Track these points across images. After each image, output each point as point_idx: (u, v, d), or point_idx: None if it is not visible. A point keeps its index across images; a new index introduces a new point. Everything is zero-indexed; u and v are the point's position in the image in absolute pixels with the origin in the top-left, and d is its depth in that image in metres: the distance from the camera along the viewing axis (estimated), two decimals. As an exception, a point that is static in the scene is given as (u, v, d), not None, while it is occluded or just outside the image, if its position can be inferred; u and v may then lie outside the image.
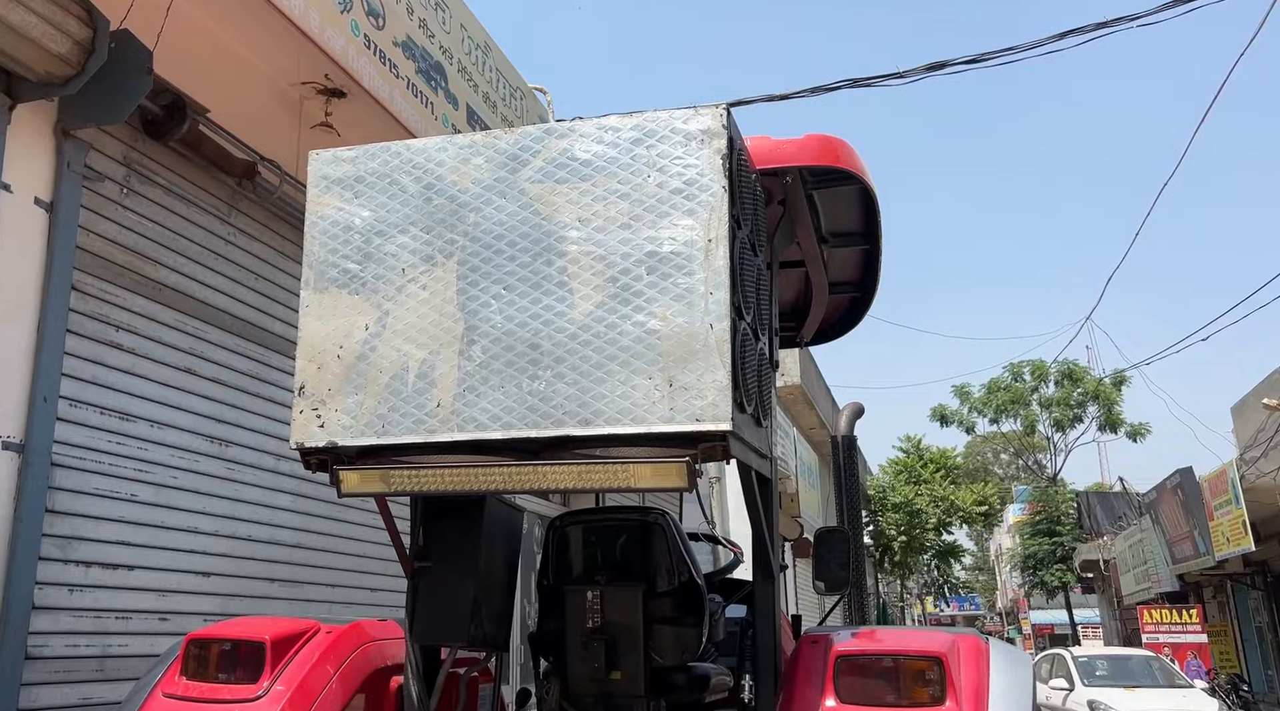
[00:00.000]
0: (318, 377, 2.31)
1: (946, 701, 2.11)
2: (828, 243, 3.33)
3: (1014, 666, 2.32)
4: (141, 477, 3.99)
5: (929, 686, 2.13)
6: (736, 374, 2.13)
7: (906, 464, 31.07)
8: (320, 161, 2.44)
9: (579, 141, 2.30)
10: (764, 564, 2.59)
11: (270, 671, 2.40)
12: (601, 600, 2.81)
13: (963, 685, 2.15)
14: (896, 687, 2.16)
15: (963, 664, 2.21)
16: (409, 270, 2.32)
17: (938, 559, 32.91)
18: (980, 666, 2.23)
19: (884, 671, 2.19)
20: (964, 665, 2.21)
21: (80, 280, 3.78)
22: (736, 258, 2.20)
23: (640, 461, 2.14)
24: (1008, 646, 2.50)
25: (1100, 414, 35.02)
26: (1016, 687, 2.23)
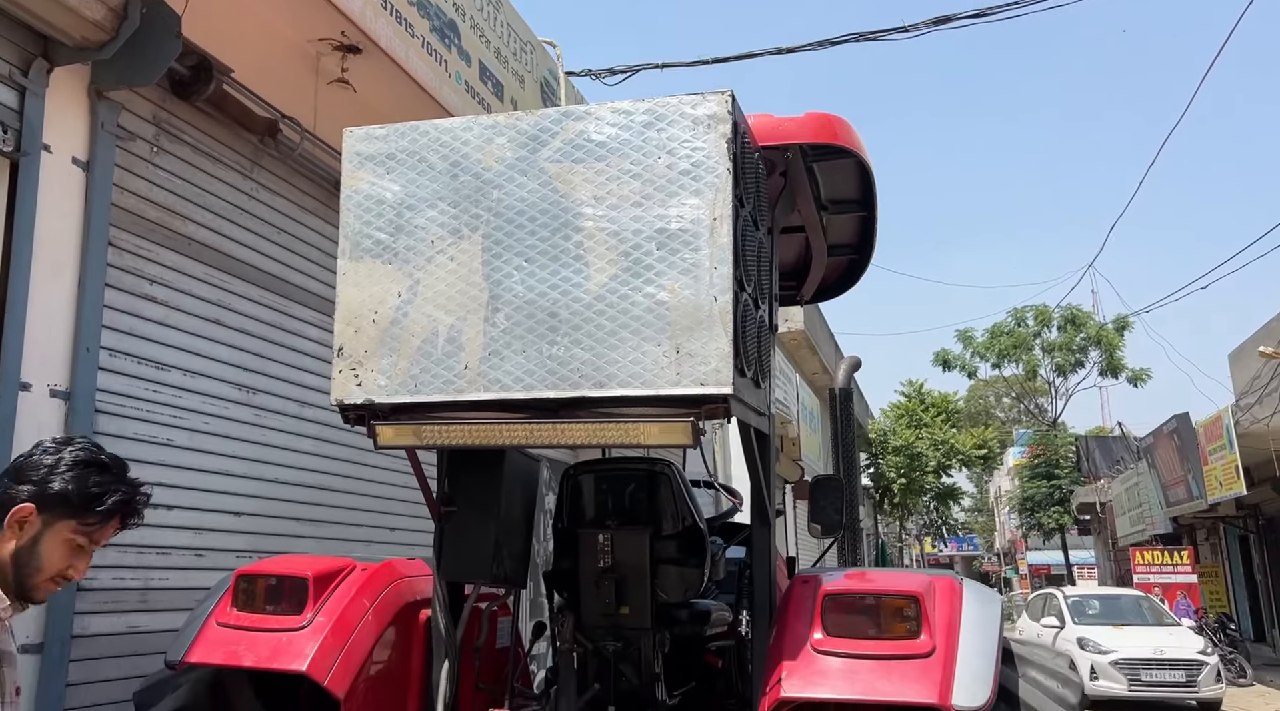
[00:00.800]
0: (355, 340, 2.53)
1: (922, 634, 2.36)
2: (827, 210, 3.51)
3: (984, 603, 2.56)
4: (176, 423, 4.24)
5: (907, 622, 2.38)
6: (738, 341, 2.34)
7: (908, 408, 31.40)
8: (354, 139, 2.62)
9: (594, 124, 2.48)
10: (761, 510, 2.82)
11: (313, 603, 2.66)
12: (612, 542, 3.06)
13: (937, 620, 2.39)
14: (878, 622, 2.41)
15: (938, 601, 2.45)
16: (437, 242, 2.52)
17: (937, 501, 33.42)
18: (954, 603, 2.47)
19: (867, 608, 2.43)
20: (939, 602, 2.45)
21: (116, 236, 3.98)
22: (739, 234, 2.39)
23: (649, 420, 2.37)
24: (980, 586, 2.74)
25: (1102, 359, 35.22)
26: (985, 621, 2.47)
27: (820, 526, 4.16)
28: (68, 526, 1.65)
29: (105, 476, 1.69)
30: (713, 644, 3.21)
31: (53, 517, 1.64)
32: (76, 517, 1.65)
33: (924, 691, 2.25)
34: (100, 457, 1.72)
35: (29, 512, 1.62)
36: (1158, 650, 13.23)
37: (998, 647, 2.45)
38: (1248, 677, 15.78)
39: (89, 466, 1.68)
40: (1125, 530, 26.16)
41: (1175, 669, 13.09)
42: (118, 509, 1.69)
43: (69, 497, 1.64)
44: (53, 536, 1.64)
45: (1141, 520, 24.06)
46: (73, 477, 1.66)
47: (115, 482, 1.70)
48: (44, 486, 1.64)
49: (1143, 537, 23.35)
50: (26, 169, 3.58)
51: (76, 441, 1.73)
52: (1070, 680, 2.72)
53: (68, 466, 1.66)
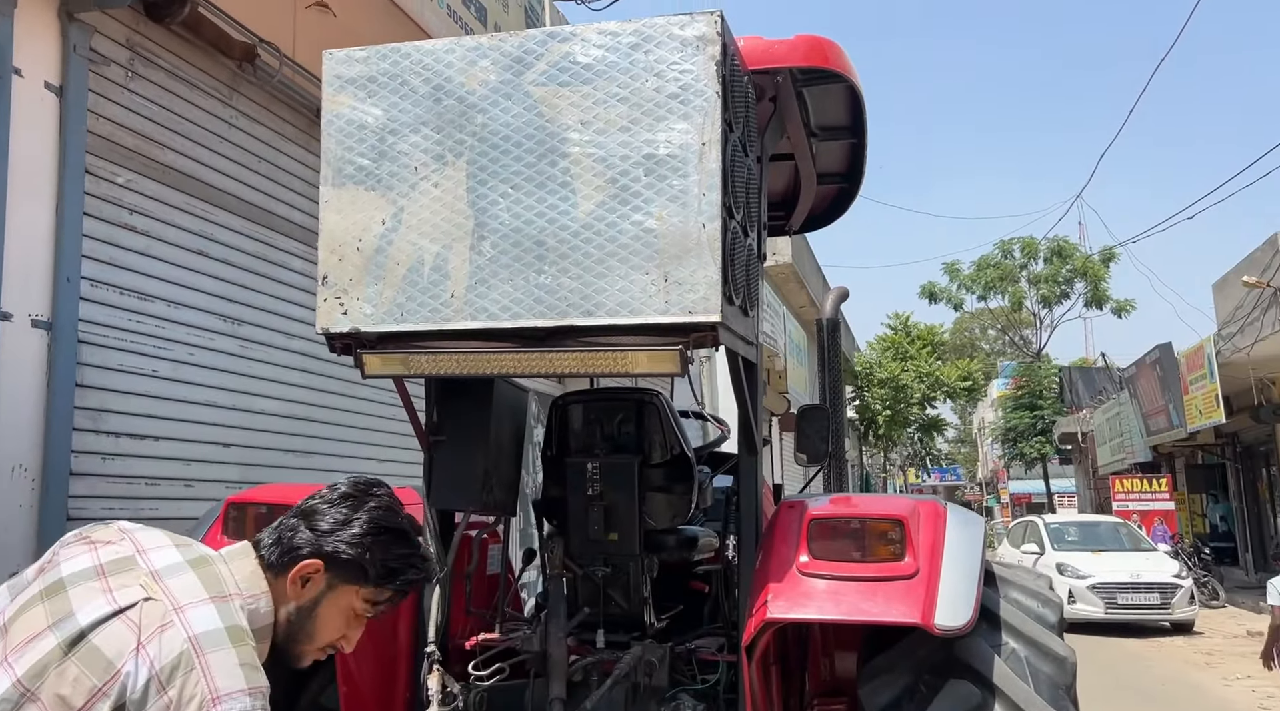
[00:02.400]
0: (339, 268, 2.49)
1: (906, 557, 2.40)
2: (816, 137, 3.46)
3: (966, 527, 2.60)
4: (161, 354, 4.21)
5: (891, 545, 2.41)
6: (726, 269, 2.32)
7: (894, 341, 31.57)
8: (334, 61, 2.55)
9: (580, 45, 2.41)
10: (748, 439, 2.84)
11: None
12: (600, 470, 3.08)
13: (921, 543, 2.43)
14: (862, 546, 2.44)
15: (922, 525, 2.48)
16: (421, 168, 2.47)
17: (921, 432, 33.82)
18: (937, 527, 2.50)
19: (852, 532, 2.46)
20: (923, 526, 2.48)
21: (92, 163, 3.90)
22: (728, 160, 2.36)
23: (637, 349, 2.36)
24: (963, 510, 2.78)
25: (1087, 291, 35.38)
26: (968, 544, 2.51)
27: (806, 455, 4.21)
28: (354, 593, 1.51)
29: (406, 549, 1.55)
30: (700, 568, 3.25)
31: (339, 580, 1.50)
32: (367, 587, 1.51)
33: (907, 611, 2.29)
34: (401, 523, 1.57)
35: (316, 569, 1.48)
36: (1134, 574, 13.57)
37: (980, 570, 2.49)
38: (1220, 600, 16.23)
39: (390, 534, 1.54)
40: (1106, 459, 26.59)
41: (1150, 592, 13.45)
42: (412, 587, 1.57)
43: (365, 568, 1.50)
44: (334, 601, 1.51)
45: (1122, 449, 24.44)
46: (373, 545, 1.50)
47: (414, 556, 1.56)
48: (340, 547, 1.49)
49: (1123, 466, 23.74)
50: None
51: (376, 495, 1.57)
52: (1050, 599, 2.77)
53: (367, 531, 1.51)
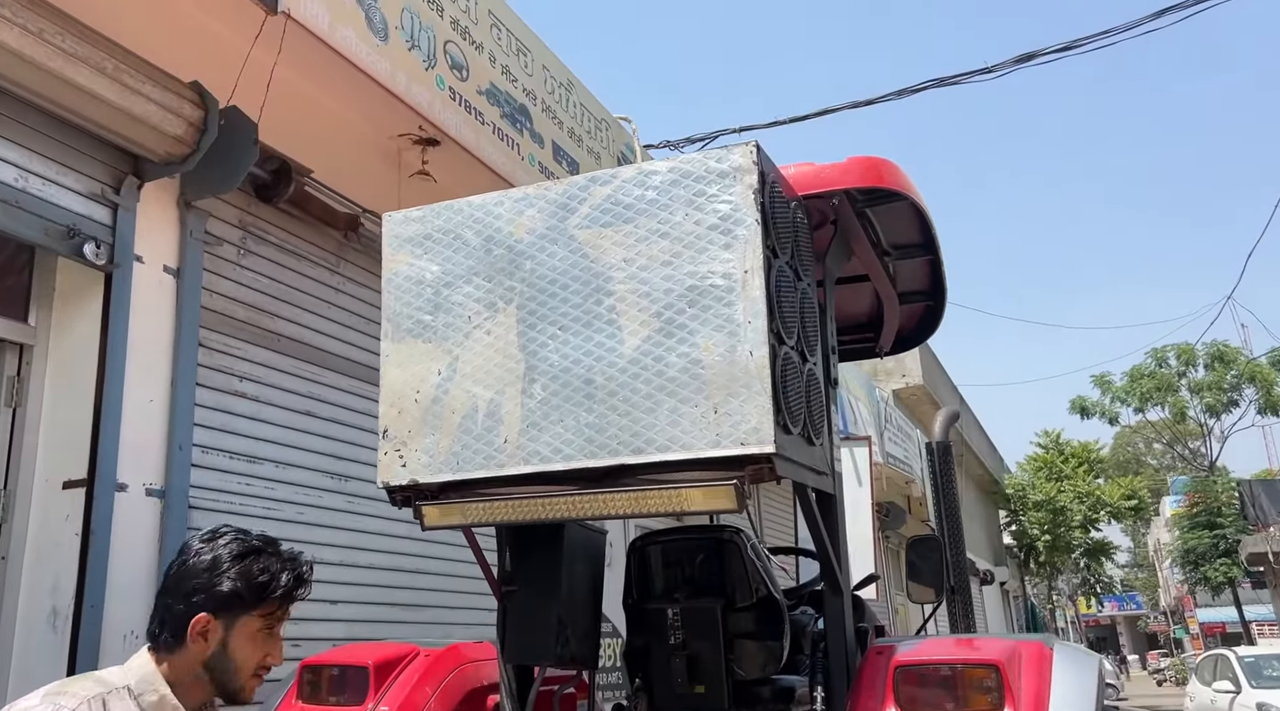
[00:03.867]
0: (398, 421, 2.53)
1: (1005, 708, 2.14)
2: (890, 255, 3.37)
3: (1078, 670, 2.32)
4: (270, 515, 4.35)
5: (988, 694, 2.16)
6: (778, 397, 2.23)
7: (1046, 460, 29.93)
8: (393, 222, 2.67)
9: (621, 187, 2.45)
10: (830, 578, 2.66)
11: (374, 693, 2.63)
12: (681, 616, 2.93)
13: (1022, 691, 2.17)
14: (955, 696, 2.20)
15: (1023, 670, 2.23)
16: (474, 317, 2.51)
17: (1087, 557, 31.45)
18: (1042, 672, 2.24)
19: (943, 680, 2.23)
20: (1024, 671, 2.22)
21: (206, 337, 4.17)
22: (774, 285, 2.30)
23: (691, 485, 2.26)
24: (1075, 651, 2.49)
25: (1259, 396, 32.88)
26: (1079, 691, 2.23)
27: (918, 590, 3.93)
28: (249, 621, 1.67)
29: (267, 560, 1.71)
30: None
31: (232, 618, 1.66)
32: (255, 610, 1.67)
33: None
34: (253, 543, 1.73)
35: (206, 622, 1.64)
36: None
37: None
38: None
39: (247, 557, 1.69)
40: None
41: (1374, 734, 11.74)
42: (291, 588, 1.72)
43: (241, 594, 1.65)
44: (238, 635, 1.67)
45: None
46: (237, 573, 1.66)
47: (277, 562, 1.72)
48: (212, 590, 1.65)
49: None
50: (120, 280, 3.80)
51: (222, 534, 1.73)
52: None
53: (228, 563, 1.67)
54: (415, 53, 4.65)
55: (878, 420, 13.09)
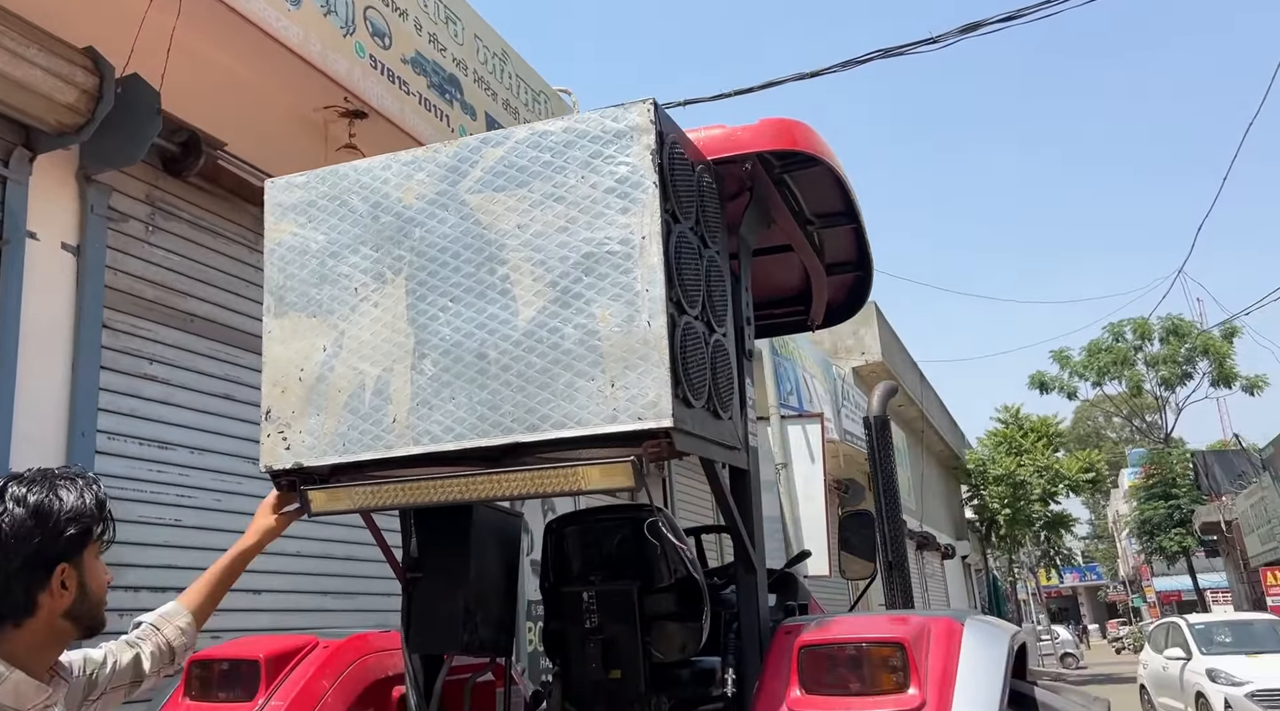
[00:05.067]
0: (282, 401, 2.38)
1: (910, 688, 2.04)
2: (814, 224, 3.25)
3: (987, 645, 2.22)
4: (185, 502, 4.17)
5: (893, 673, 2.07)
6: (678, 369, 2.11)
7: (1005, 435, 30.16)
8: (275, 189, 2.50)
9: (515, 148, 2.30)
10: (743, 555, 2.55)
11: (265, 688, 2.48)
12: (597, 599, 2.82)
13: (929, 668, 2.07)
14: (860, 675, 2.10)
15: (931, 648, 2.13)
16: (361, 289, 2.36)
17: (1047, 530, 31.84)
18: (950, 649, 2.14)
19: (849, 660, 2.12)
20: (932, 649, 2.13)
21: (111, 317, 3.96)
22: (674, 252, 2.17)
23: (587, 463, 2.14)
24: (988, 625, 2.40)
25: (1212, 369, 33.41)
26: (988, 666, 2.14)
27: (849, 568, 3.85)
28: (90, 549, 1.67)
29: (71, 485, 1.68)
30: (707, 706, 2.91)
31: (80, 555, 1.65)
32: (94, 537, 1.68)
33: None
34: (48, 480, 1.67)
35: (64, 571, 1.62)
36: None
37: (1002, 695, 2.11)
38: None
39: (59, 492, 1.65)
40: (1256, 549, 24.45)
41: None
42: (98, 519, 1.68)
43: (87, 526, 1.65)
44: (88, 569, 1.67)
45: (1272, 537, 22.46)
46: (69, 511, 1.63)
47: (78, 482, 1.69)
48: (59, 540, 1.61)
49: (1276, 556, 21.75)
50: (10, 257, 3.60)
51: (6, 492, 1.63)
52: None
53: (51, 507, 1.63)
54: (331, 18, 4.45)
55: (835, 398, 13.07)
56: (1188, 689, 13.25)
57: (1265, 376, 32.86)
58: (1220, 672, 12.68)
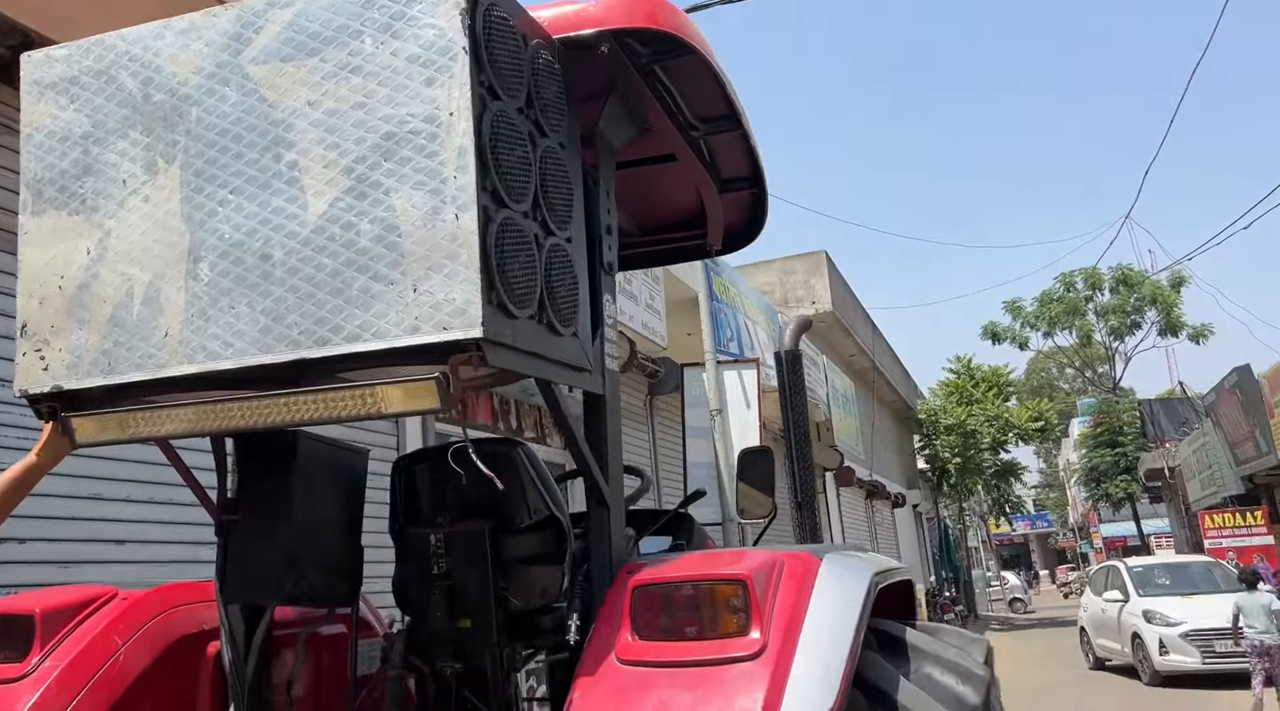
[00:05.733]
0: (40, 313, 2.02)
1: (751, 631, 1.77)
2: (699, 130, 2.92)
3: (843, 584, 1.96)
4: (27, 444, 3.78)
5: (735, 614, 1.79)
6: (492, 270, 1.79)
7: (957, 385, 30.27)
8: (33, 64, 2.12)
9: (305, 10, 1.93)
10: (594, 491, 2.25)
11: (40, 647, 2.16)
12: (445, 542, 2.52)
13: (774, 609, 1.80)
14: (698, 617, 1.83)
15: (779, 586, 1.86)
16: (130, 181, 2.00)
17: (997, 478, 32.20)
18: (803, 587, 1.87)
19: (685, 601, 1.85)
20: (781, 588, 1.86)
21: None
22: (489, 132, 1.84)
23: (387, 383, 1.82)
24: (849, 561, 2.13)
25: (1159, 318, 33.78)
26: (842, 607, 1.87)
27: (748, 509, 3.59)
28: None
29: None
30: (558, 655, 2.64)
31: None
32: None
33: (741, 707, 1.66)
34: None
35: None
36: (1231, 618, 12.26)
37: (855, 636, 1.85)
38: (1337, 642, 14.64)
39: None
40: (1197, 494, 24.89)
41: (1255, 637, 12.11)
42: None
43: None
44: None
45: (1212, 482, 22.84)
46: None
47: None
48: None
49: (1215, 500, 22.13)
50: None
51: None
52: (974, 674, 2.10)
53: None
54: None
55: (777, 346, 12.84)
56: (1125, 630, 13.41)
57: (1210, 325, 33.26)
58: (1156, 614, 12.83)
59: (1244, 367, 17.29)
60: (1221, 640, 12.16)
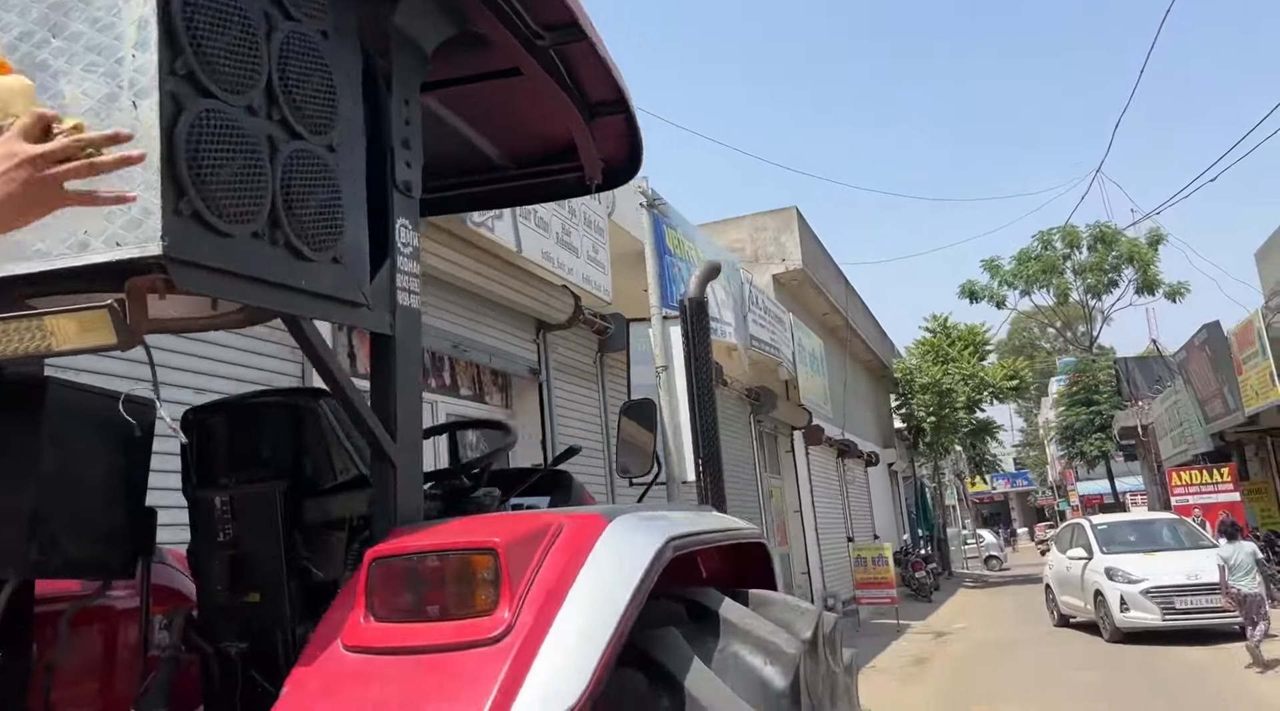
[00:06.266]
0: None
1: (500, 610, 1.47)
2: (544, 39, 2.56)
3: (622, 554, 1.64)
4: None
5: (483, 589, 1.48)
6: (180, 172, 1.45)
7: (933, 344, 30.10)
8: None
9: None
10: (375, 446, 1.92)
11: None
12: (232, 506, 2.21)
13: (534, 585, 1.49)
14: (443, 594, 1.51)
15: (547, 556, 1.54)
16: None
17: (972, 437, 32.16)
18: (573, 557, 1.56)
19: (428, 574, 1.53)
20: (550, 557, 1.54)
21: None
22: (179, 1, 1.49)
23: (57, 313, 1.49)
24: (638, 524, 1.80)
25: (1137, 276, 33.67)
26: (611, 583, 1.56)
27: (630, 465, 3.29)
28: None
29: None
30: None
31: None
32: None
33: (466, 705, 1.35)
34: None
35: None
36: (1192, 575, 12.18)
37: (623, 615, 1.54)
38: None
39: None
40: (1168, 452, 24.90)
41: (1213, 593, 12.02)
42: None
43: None
44: None
45: (1183, 440, 22.81)
46: None
47: None
48: None
49: (1186, 458, 22.11)
50: None
51: None
52: (784, 653, 1.79)
53: None
54: None
55: (738, 303, 12.50)
56: (1088, 587, 13.33)
57: (1186, 284, 33.26)
58: (1118, 571, 12.73)
59: (1213, 324, 17.10)
60: (1181, 597, 12.10)
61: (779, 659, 1.71)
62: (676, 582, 2.05)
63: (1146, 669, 10.44)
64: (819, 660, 1.91)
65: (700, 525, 2.12)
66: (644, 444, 3.24)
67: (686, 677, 1.57)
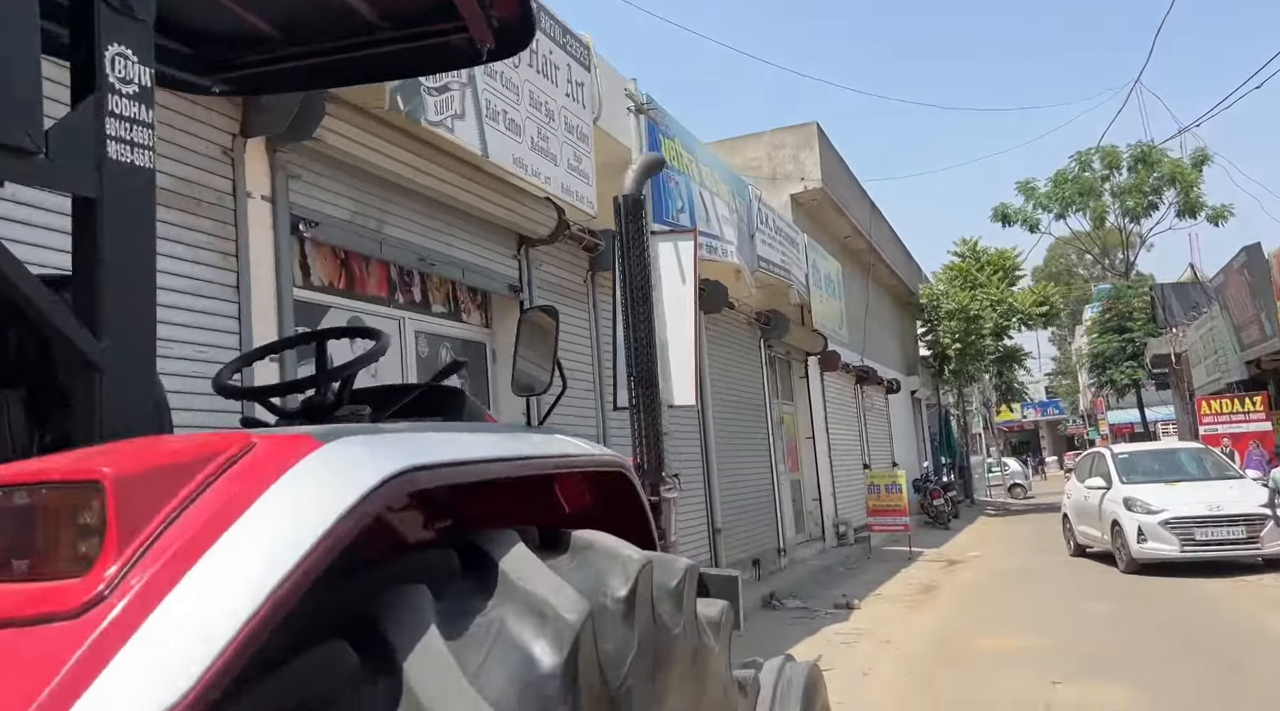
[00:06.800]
0: None
1: (102, 567, 1.02)
2: None
3: (318, 491, 1.17)
4: None
5: (86, 540, 1.08)
6: None
7: (962, 269, 29.19)
8: None
9: None
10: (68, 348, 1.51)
11: None
12: None
13: (163, 534, 1.08)
14: (29, 543, 1.11)
15: (204, 492, 1.12)
16: None
17: (998, 365, 31.43)
18: (236, 494, 1.13)
19: (11, 515, 1.11)
20: (208, 494, 1.12)
21: None
22: None
23: None
24: (361, 448, 1.37)
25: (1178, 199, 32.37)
26: (286, 531, 1.14)
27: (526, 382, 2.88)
28: None
29: None
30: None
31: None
32: None
33: None
34: None
35: None
36: (1213, 506, 11.72)
37: (290, 574, 1.08)
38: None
39: None
40: (1201, 380, 24.15)
41: (1234, 525, 11.60)
42: None
43: None
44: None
45: (1217, 368, 22.07)
46: None
47: None
48: None
49: (1219, 386, 21.40)
50: None
51: None
52: (560, 619, 1.34)
53: None
54: None
55: (746, 221, 11.94)
56: (1105, 517, 12.92)
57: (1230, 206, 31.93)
58: (1137, 501, 12.30)
59: (1254, 246, 16.29)
60: (1202, 528, 11.66)
61: (553, 626, 1.29)
62: (475, 523, 1.66)
63: (1160, 601, 10.07)
64: (639, 622, 1.50)
65: (494, 450, 1.69)
66: (543, 356, 2.83)
67: (410, 656, 1.16)
